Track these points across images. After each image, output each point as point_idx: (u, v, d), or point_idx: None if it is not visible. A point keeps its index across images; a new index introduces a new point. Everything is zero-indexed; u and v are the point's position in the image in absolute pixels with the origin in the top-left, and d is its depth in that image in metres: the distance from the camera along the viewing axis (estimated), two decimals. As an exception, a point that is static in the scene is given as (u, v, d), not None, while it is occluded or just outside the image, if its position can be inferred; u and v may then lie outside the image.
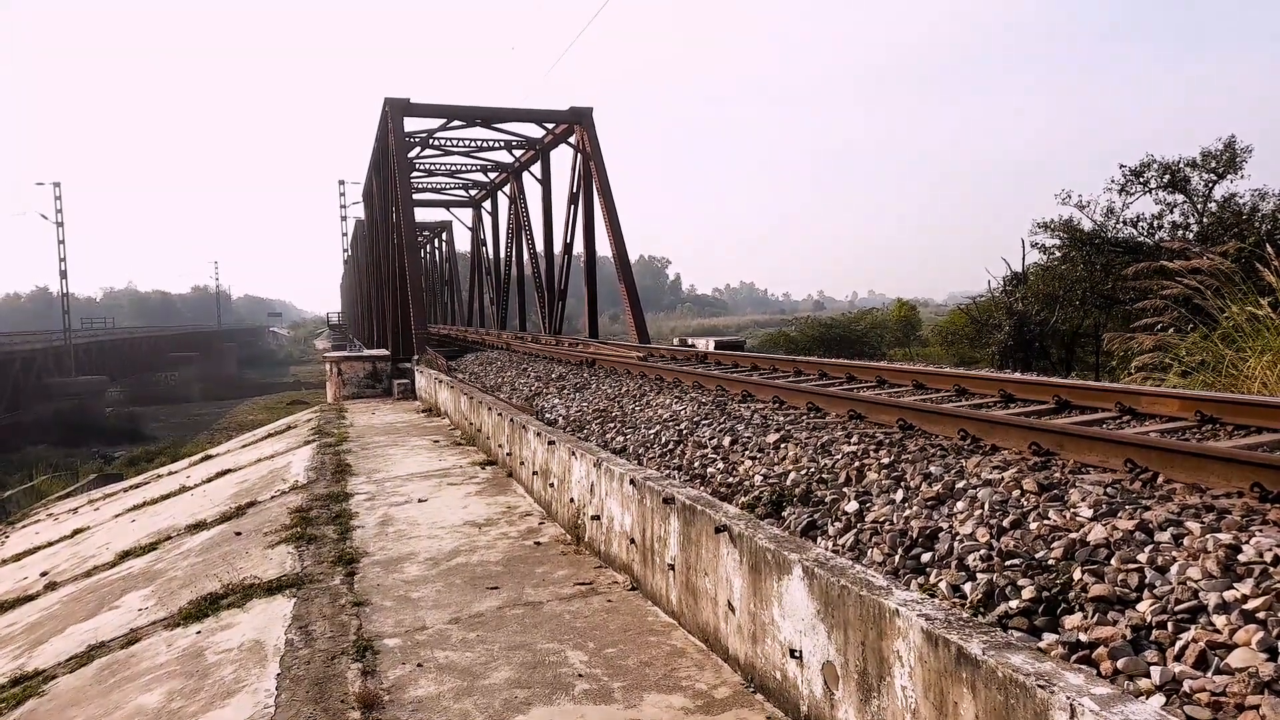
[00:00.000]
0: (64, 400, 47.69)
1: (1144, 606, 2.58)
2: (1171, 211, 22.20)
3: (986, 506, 3.53)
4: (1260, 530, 2.87)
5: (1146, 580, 2.69)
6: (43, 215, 54.86)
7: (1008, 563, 3.03)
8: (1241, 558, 2.67)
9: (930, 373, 7.41)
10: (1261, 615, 2.36)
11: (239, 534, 7.43)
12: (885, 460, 4.49)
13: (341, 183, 57.52)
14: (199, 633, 5.04)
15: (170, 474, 15.71)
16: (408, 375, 18.75)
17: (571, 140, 23.53)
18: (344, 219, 57.93)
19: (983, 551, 3.17)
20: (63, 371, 53.98)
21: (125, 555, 8.12)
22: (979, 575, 3.01)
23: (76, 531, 11.49)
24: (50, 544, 11.12)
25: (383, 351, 22.39)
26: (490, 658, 4.16)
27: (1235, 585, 2.52)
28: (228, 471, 12.33)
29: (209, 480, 12.14)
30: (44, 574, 8.79)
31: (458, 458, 10.08)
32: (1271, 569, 2.57)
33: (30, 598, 7.82)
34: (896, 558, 3.41)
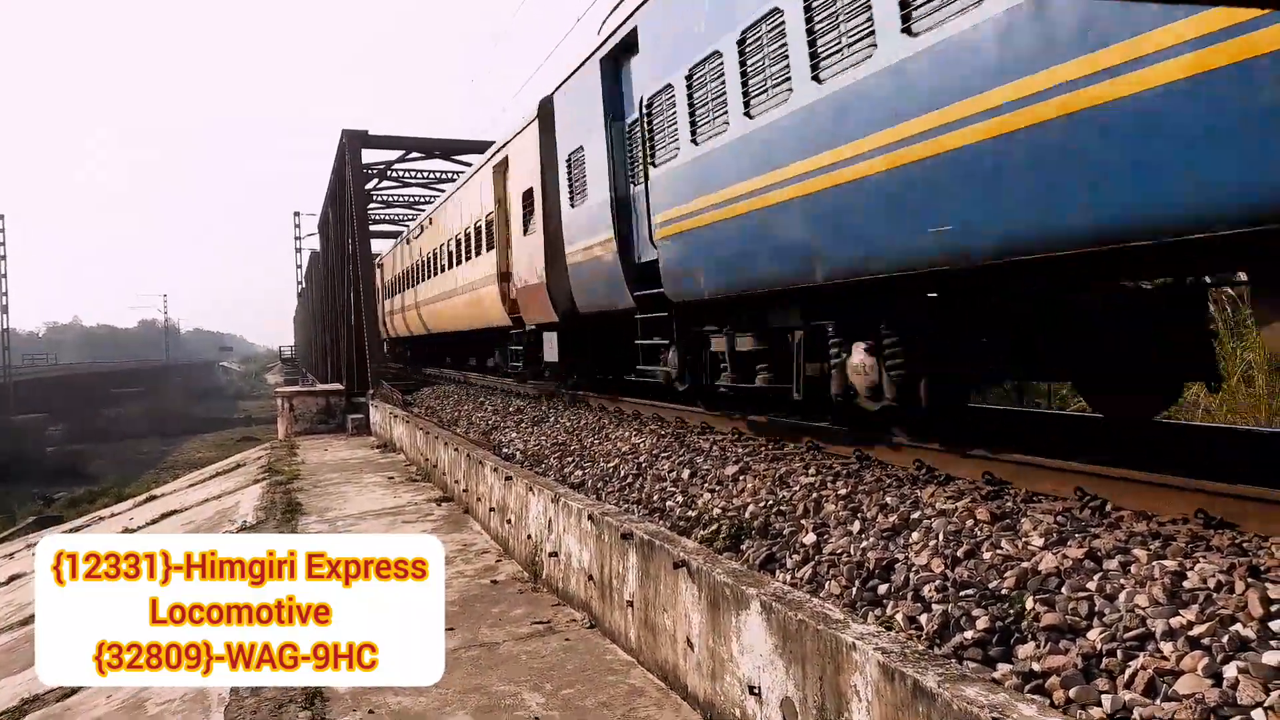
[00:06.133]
0: (1, 439, 46.00)
1: (1094, 634, 2.61)
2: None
3: (941, 537, 3.56)
4: (1204, 556, 2.94)
5: (1096, 608, 2.73)
6: (-17, 250, 53.11)
7: (962, 593, 3.05)
8: (1186, 584, 2.72)
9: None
10: (1206, 641, 2.40)
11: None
12: (842, 491, 4.52)
13: (296, 214, 56.72)
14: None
15: (113, 516, 15.22)
16: (362, 410, 18.44)
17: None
18: (299, 251, 57.13)
19: (938, 582, 3.19)
20: (2, 410, 52.15)
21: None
22: (935, 606, 3.03)
23: (13, 578, 11.03)
24: (-17, 591, 10.65)
25: (336, 386, 22.00)
26: (444, 702, 4.06)
27: (1181, 612, 2.57)
28: (173, 512, 11.98)
29: (153, 522, 11.78)
30: (-24, 623, 8.42)
31: (413, 494, 9.91)
32: (1215, 595, 2.62)
33: (-40, 649, 7.47)
34: (854, 590, 3.42)
